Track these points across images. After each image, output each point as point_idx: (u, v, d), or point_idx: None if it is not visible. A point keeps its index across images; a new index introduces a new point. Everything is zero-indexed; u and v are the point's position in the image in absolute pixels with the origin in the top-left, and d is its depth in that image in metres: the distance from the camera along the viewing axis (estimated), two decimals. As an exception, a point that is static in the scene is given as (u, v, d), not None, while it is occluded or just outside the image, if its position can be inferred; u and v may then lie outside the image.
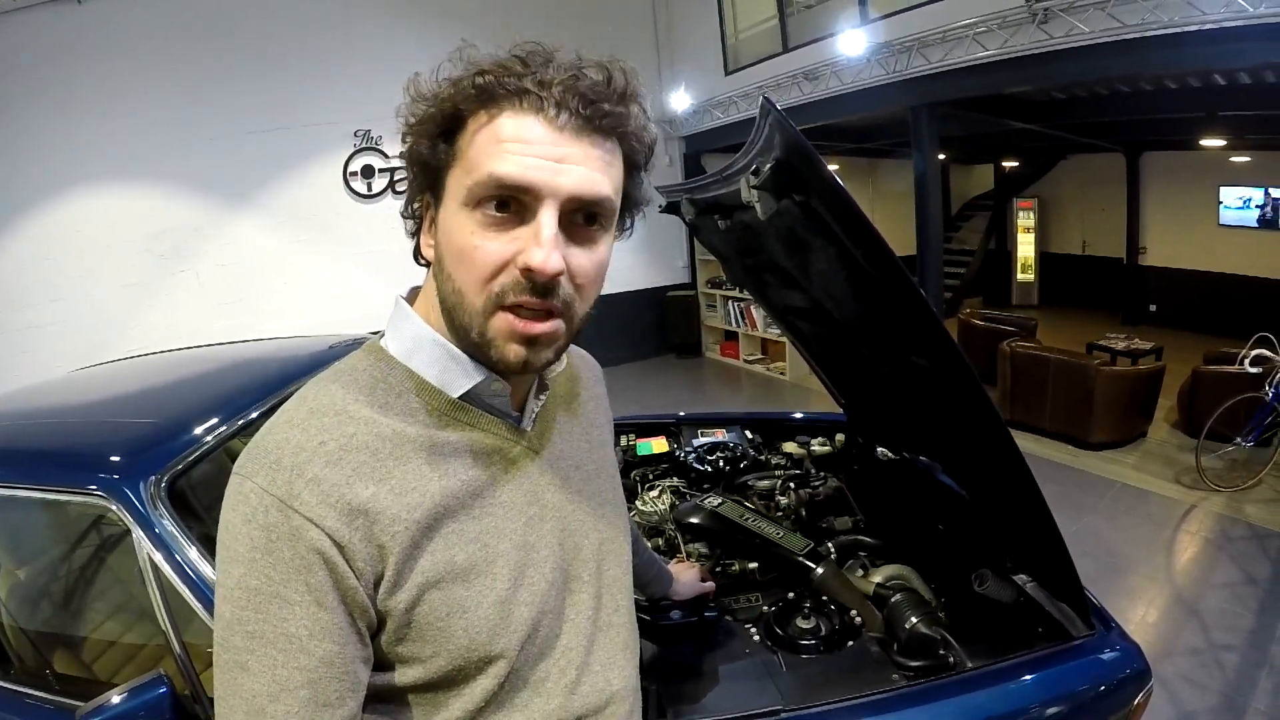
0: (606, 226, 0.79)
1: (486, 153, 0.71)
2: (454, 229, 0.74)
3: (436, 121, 0.74)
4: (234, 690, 0.69)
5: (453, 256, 0.75)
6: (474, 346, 0.78)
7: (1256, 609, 3.59)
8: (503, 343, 0.75)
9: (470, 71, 0.73)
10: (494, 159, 0.71)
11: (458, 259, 0.74)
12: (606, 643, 0.92)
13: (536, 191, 0.71)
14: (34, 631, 2.00)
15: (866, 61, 6.14)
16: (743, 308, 8.89)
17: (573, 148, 0.72)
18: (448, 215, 0.75)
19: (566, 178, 0.72)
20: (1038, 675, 1.51)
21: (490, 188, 0.71)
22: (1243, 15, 3.85)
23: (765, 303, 2.48)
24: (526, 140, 0.71)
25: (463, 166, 0.73)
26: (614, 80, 0.75)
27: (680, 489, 2.45)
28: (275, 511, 0.70)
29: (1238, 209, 9.10)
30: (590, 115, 0.73)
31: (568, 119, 0.72)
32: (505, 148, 0.71)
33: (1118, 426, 5.78)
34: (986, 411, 1.42)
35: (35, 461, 1.77)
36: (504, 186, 0.71)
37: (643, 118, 0.79)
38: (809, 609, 1.72)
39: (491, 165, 0.71)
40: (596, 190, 0.74)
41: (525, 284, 0.73)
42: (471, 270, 0.73)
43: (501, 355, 0.76)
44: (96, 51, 6.50)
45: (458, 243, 0.74)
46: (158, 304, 7.06)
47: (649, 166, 0.84)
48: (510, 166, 0.70)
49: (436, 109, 0.74)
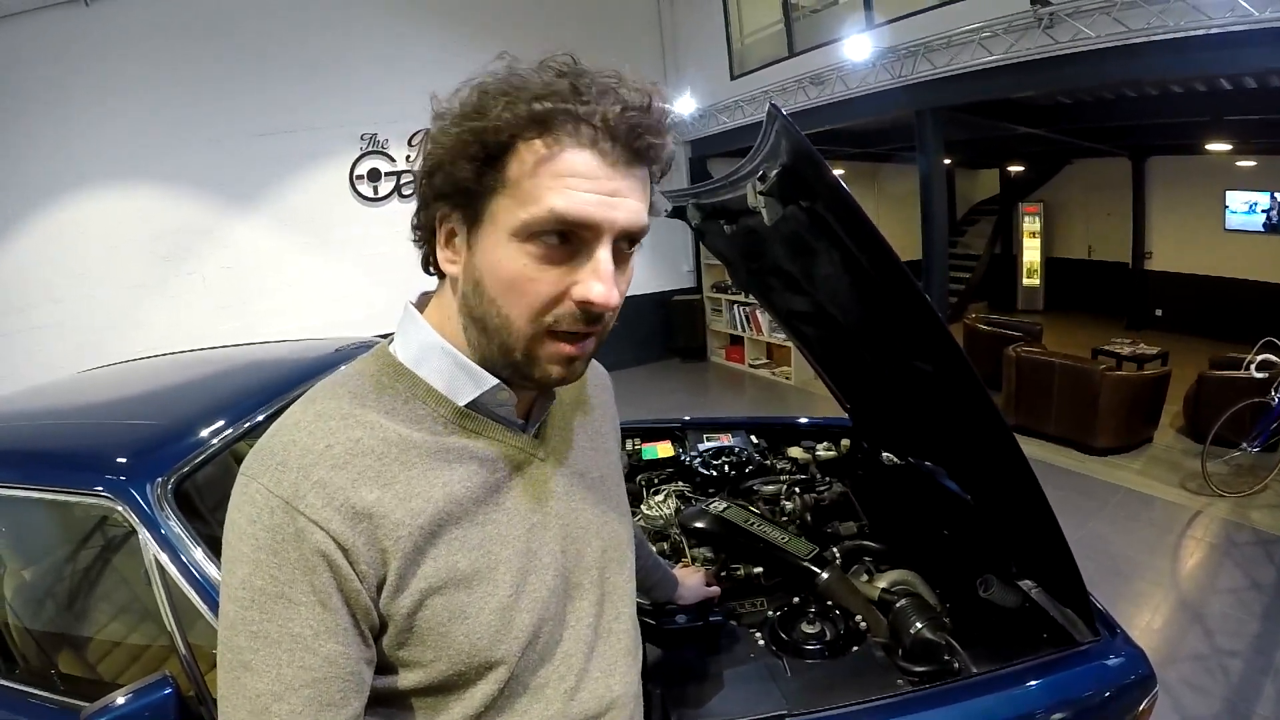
0: (636, 248, 0.81)
1: (545, 187, 0.71)
2: (502, 259, 0.73)
3: (484, 145, 0.72)
4: (238, 689, 0.70)
5: (500, 285, 0.74)
6: (512, 364, 0.79)
7: (1261, 615, 3.58)
8: (547, 364, 0.78)
9: (525, 94, 0.71)
10: (555, 194, 0.70)
11: (507, 289, 0.74)
12: (607, 649, 0.92)
13: (596, 228, 0.73)
14: (39, 632, 2.00)
15: (872, 66, 6.14)
16: (748, 312, 8.90)
17: (623, 180, 0.74)
18: (492, 243, 0.74)
19: (620, 212, 0.73)
20: (1042, 681, 1.51)
21: (551, 223, 0.71)
22: (1248, 20, 3.84)
23: (771, 307, 2.48)
24: (585, 175, 0.71)
25: (514, 197, 0.72)
26: (654, 108, 0.74)
27: (685, 493, 2.45)
28: (281, 513, 0.70)
29: (1243, 213, 9.08)
30: (637, 148, 0.74)
31: (619, 152, 0.73)
32: (566, 183, 0.71)
33: (1123, 432, 5.77)
34: (991, 416, 1.42)
35: (42, 462, 1.78)
36: (565, 222, 0.71)
37: (671, 143, 0.80)
38: (814, 614, 1.71)
39: (552, 201, 0.70)
40: (642, 221, 0.77)
41: (579, 314, 0.75)
42: (523, 300, 0.74)
43: (545, 374, 0.78)
44: (102, 52, 6.53)
45: (508, 273, 0.73)
46: (161, 305, 7.07)
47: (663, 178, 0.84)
48: (573, 204, 0.71)
49: (487, 133, 0.71)
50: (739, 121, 7.92)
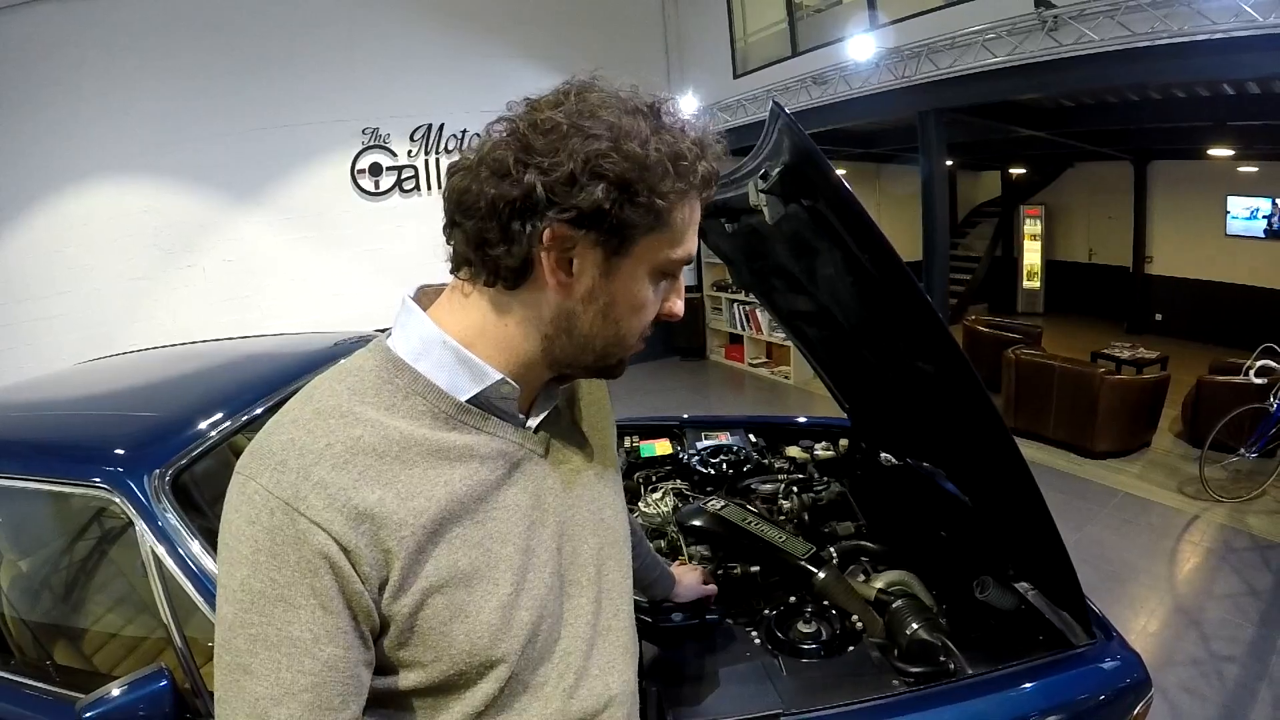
0: None
1: (686, 233, 0.82)
2: (640, 289, 0.82)
3: (650, 189, 0.75)
4: (236, 692, 0.69)
5: (630, 309, 0.83)
6: (601, 368, 0.89)
7: (1258, 620, 3.58)
8: (626, 361, 0.90)
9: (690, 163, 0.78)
10: (690, 239, 0.83)
11: (634, 311, 0.83)
12: (606, 646, 0.92)
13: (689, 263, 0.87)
14: (35, 623, 2.01)
15: (875, 66, 6.13)
16: (747, 311, 8.90)
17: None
18: (634, 273, 0.81)
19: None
20: (1038, 683, 1.51)
21: (685, 263, 0.84)
22: (1252, 25, 3.84)
23: (771, 306, 2.48)
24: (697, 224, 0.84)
25: (668, 239, 0.80)
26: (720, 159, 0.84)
27: (683, 491, 2.44)
28: (281, 514, 0.69)
29: (1245, 219, 9.07)
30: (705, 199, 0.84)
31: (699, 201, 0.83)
32: (691, 229, 0.83)
33: (1121, 435, 5.77)
34: (991, 418, 1.42)
35: (40, 453, 1.78)
36: (688, 262, 0.85)
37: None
38: (810, 613, 1.71)
39: (690, 246, 0.83)
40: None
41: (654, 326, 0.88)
42: (643, 321, 0.85)
43: (614, 368, 0.90)
44: (105, 45, 6.54)
45: (640, 299, 0.83)
46: (162, 298, 7.09)
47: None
48: (694, 247, 0.85)
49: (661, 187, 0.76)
50: (741, 120, 7.90)
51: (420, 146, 7.89)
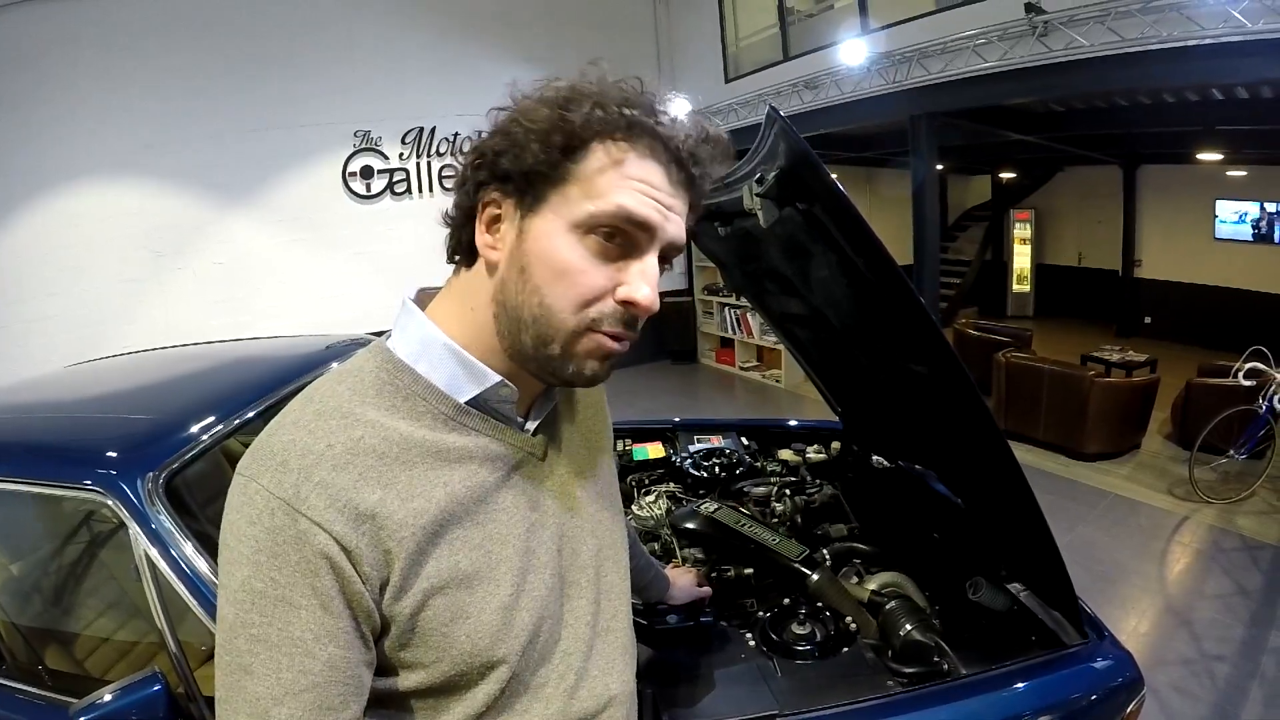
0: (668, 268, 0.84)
1: (616, 185, 0.74)
2: (558, 247, 0.75)
3: (566, 134, 0.74)
4: (237, 693, 0.69)
5: (550, 273, 0.76)
6: (546, 359, 0.79)
7: (1248, 620, 3.61)
8: (584, 359, 0.79)
9: (615, 99, 0.75)
10: (623, 194, 0.74)
11: (556, 277, 0.76)
12: (605, 647, 0.92)
13: (652, 233, 0.77)
14: (27, 627, 1.99)
15: (867, 71, 6.17)
16: (739, 315, 8.91)
17: (676, 200, 0.79)
18: (547, 230, 0.76)
19: (671, 225, 0.78)
20: (1031, 683, 1.52)
21: (614, 219, 0.74)
22: (1241, 31, 3.88)
23: (764, 310, 2.49)
24: (651, 184, 0.76)
25: (581, 189, 0.75)
26: (713, 145, 0.81)
27: (676, 494, 2.45)
28: (282, 514, 0.69)
29: (1233, 223, 9.16)
30: (692, 174, 0.79)
31: (680, 175, 0.78)
32: (634, 185, 0.75)
33: (1111, 438, 5.81)
34: (984, 420, 1.43)
35: (31, 456, 1.77)
36: (629, 221, 0.75)
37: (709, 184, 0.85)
38: (804, 615, 1.72)
39: (622, 199, 0.74)
40: (682, 241, 0.81)
41: (622, 314, 0.78)
42: (570, 291, 0.76)
43: (579, 370, 0.80)
44: (97, 45, 6.52)
45: (560, 262, 0.75)
46: (154, 300, 7.06)
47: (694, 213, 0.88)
48: (640, 205, 0.75)
49: (571, 124, 0.74)
50: (733, 124, 7.92)
51: (412, 149, 7.88)
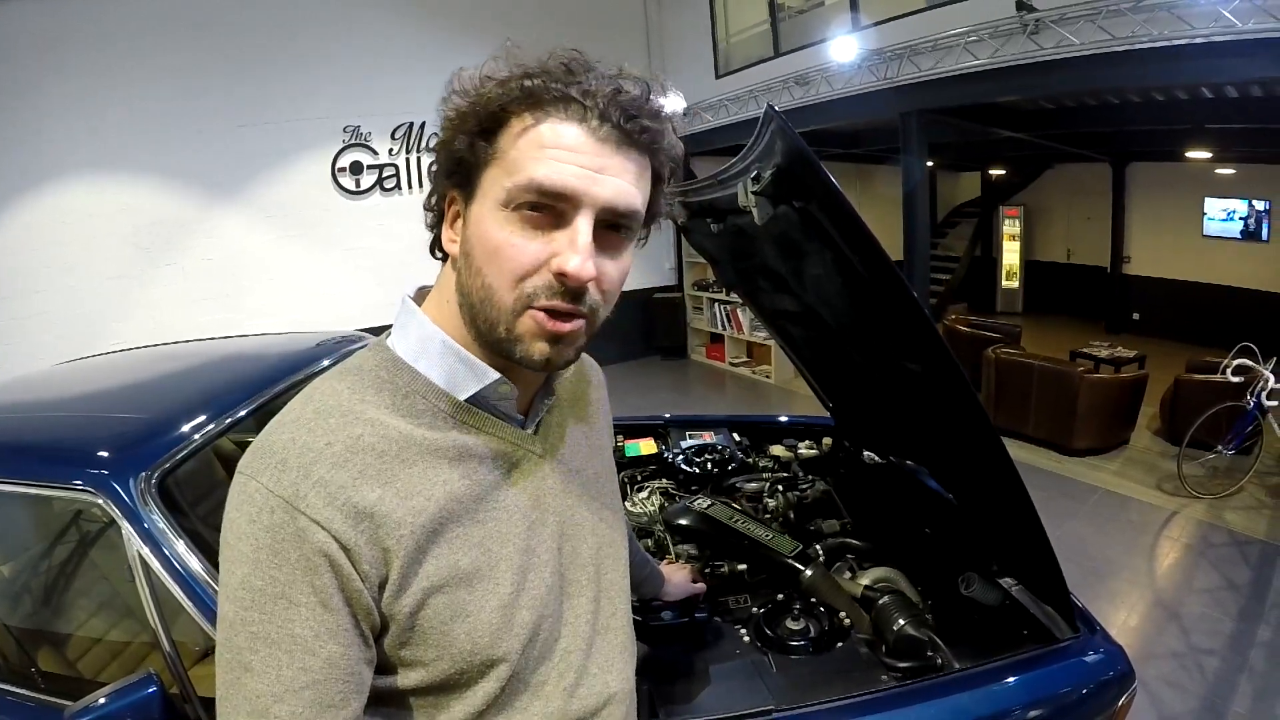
0: (631, 236, 0.81)
1: (529, 156, 0.72)
2: (488, 227, 0.75)
3: (478, 118, 0.74)
4: (237, 690, 0.69)
5: (485, 253, 0.75)
6: (498, 342, 0.78)
7: (1237, 614, 3.64)
8: (530, 340, 0.76)
9: (517, 73, 0.74)
10: (536, 163, 0.72)
11: (491, 256, 0.75)
12: (605, 645, 0.92)
13: (576, 199, 0.73)
14: (19, 629, 1.98)
15: (857, 68, 6.17)
16: (729, 310, 8.92)
17: (611, 159, 0.74)
18: (481, 213, 0.76)
19: (603, 188, 0.74)
20: (1023, 677, 1.53)
21: (530, 191, 0.72)
22: (1231, 30, 3.90)
23: (756, 306, 2.49)
24: (569, 148, 0.72)
25: (502, 167, 0.74)
26: (653, 96, 0.76)
27: (669, 490, 2.45)
28: (281, 512, 0.69)
29: (1221, 220, 9.20)
30: (629, 129, 0.74)
31: (608, 130, 0.73)
32: (548, 153, 0.72)
33: (1100, 433, 5.84)
34: (978, 416, 1.43)
35: (22, 455, 1.75)
36: (544, 192, 0.72)
37: (674, 134, 0.80)
38: (798, 610, 1.73)
39: (533, 170, 0.72)
40: (629, 202, 0.76)
41: (557, 287, 0.74)
42: (504, 268, 0.74)
43: (527, 352, 0.77)
44: (86, 43, 6.45)
45: (492, 241, 0.74)
46: (141, 298, 7.00)
47: (672, 180, 0.84)
48: (552, 172, 0.72)
49: (480, 106, 0.74)
50: (723, 120, 7.93)
51: (401, 145, 7.85)
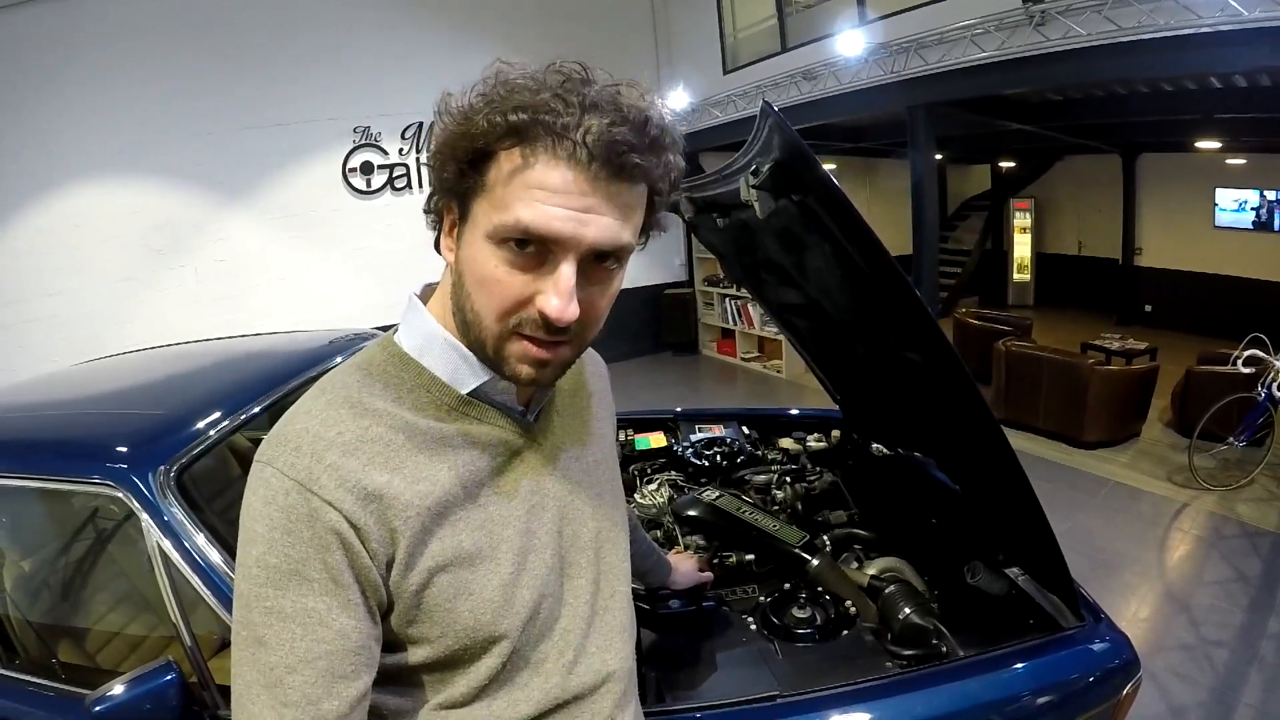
0: (622, 263, 0.81)
1: (515, 196, 0.72)
2: (476, 257, 0.76)
3: (466, 151, 0.74)
4: (252, 664, 0.73)
5: (474, 280, 0.77)
6: (486, 359, 0.82)
7: (1247, 606, 3.63)
8: (515, 362, 0.80)
9: (508, 104, 0.71)
10: (523, 205, 0.72)
11: (478, 285, 0.77)
12: (603, 625, 0.95)
13: (561, 242, 0.73)
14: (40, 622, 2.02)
15: (864, 62, 6.15)
16: (739, 306, 8.93)
17: (599, 196, 0.73)
18: (472, 239, 0.77)
19: (591, 229, 0.73)
20: (1028, 665, 1.54)
21: (516, 231, 0.72)
22: (1238, 19, 3.87)
23: (763, 300, 2.51)
24: (555, 190, 0.71)
25: (490, 201, 0.74)
26: (650, 126, 0.73)
27: (678, 483, 2.47)
28: (295, 494, 0.73)
29: (1233, 211, 9.14)
30: (621, 164, 0.72)
31: (598, 169, 0.71)
32: (534, 195, 0.71)
33: (1111, 426, 5.82)
34: (978, 407, 1.45)
35: (44, 452, 1.79)
36: (529, 234, 0.72)
37: (673, 161, 0.78)
38: (805, 599, 1.75)
39: (519, 211, 0.72)
40: (617, 239, 0.76)
41: (541, 323, 0.76)
42: (491, 300, 0.77)
43: (514, 372, 0.81)
44: (94, 43, 6.49)
45: (479, 271, 0.76)
46: (153, 299, 7.05)
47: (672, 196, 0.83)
48: (538, 215, 0.71)
49: (467, 138, 0.73)
50: (731, 116, 7.92)
51: (411, 145, 7.88)
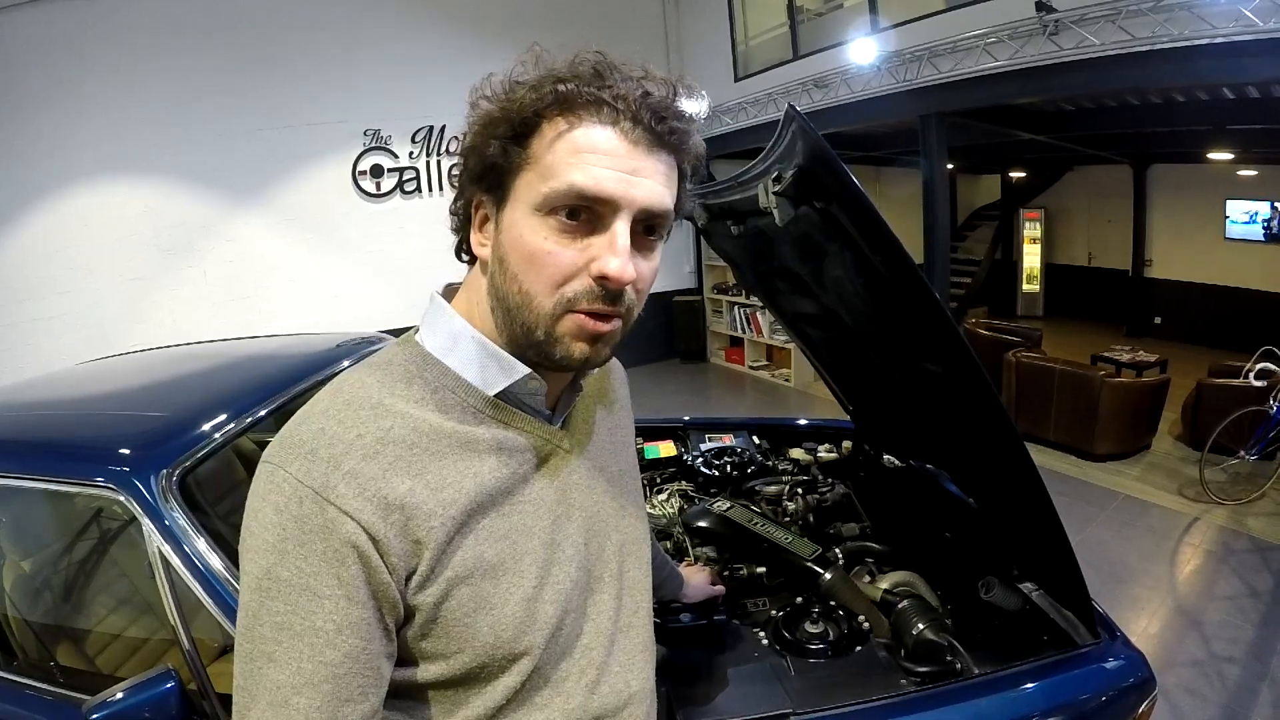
0: (662, 236, 0.81)
1: (565, 162, 0.72)
2: (524, 232, 0.75)
3: (510, 124, 0.74)
4: (257, 680, 0.69)
5: (522, 259, 0.75)
6: (537, 345, 0.78)
7: (1259, 621, 3.59)
8: (570, 341, 0.77)
9: (550, 78, 0.73)
10: (574, 169, 0.72)
11: (528, 262, 0.75)
12: (626, 644, 0.92)
13: (614, 203, 0.73)
14: (39, 624, 2.00)
15: (876, 70, 6.15)
16: (749, 314, 8.91)
17: (644, 161, 0.74)
18: (516, 218, 0.76)
19: (639, 190, 0.74)
20: (1043, 682, 1.52)
21: (569, 197, 0.72)
22: (1252, 30, 3.86)
23: (775, 309, 2.48)
24: (604, 152, 0.72)
25: (537, 172, 0.74)
26: (679, 96, 0.77)
27: (688, 493, 2.45)
28: (310, 503, 0.69)
29: (1244, 223, 9.10)
30: (660, 130, 0.74)
31: (640, 133, 0.74)
32: (585, 158, 0.72)
33: (1122, 438, 5.78)
34: (1001, 419, 1.42)
35: (45, 453, 1.78)
36: (583, 197, 0.72)
37: (698, 139, 0.81)
38: (817, 614, 1.72)
39: (571, 175, 0.72)
40: (663, 203, 0.76)
41: (598, 290, 0.74)
42: (543, 274, 0.74)
43: (567, 352, 0.77)
44: (106, 45, 6.52)
45: (529, 246, 0.74)
46: (162, 299, 7.06)
47: (694, 176, 0.85)
48: (590, 178, 0.72)
49: (512, 111, 0.74)
50: (743, 123, 7.91)
51: (421, 148, 7.88)
